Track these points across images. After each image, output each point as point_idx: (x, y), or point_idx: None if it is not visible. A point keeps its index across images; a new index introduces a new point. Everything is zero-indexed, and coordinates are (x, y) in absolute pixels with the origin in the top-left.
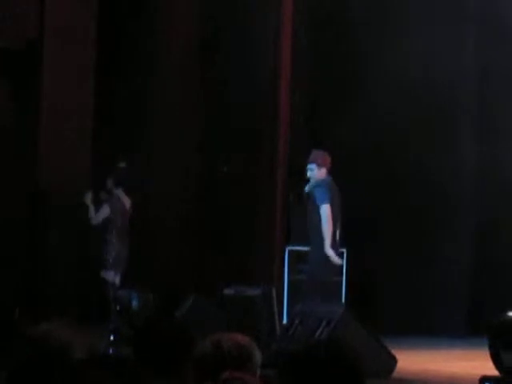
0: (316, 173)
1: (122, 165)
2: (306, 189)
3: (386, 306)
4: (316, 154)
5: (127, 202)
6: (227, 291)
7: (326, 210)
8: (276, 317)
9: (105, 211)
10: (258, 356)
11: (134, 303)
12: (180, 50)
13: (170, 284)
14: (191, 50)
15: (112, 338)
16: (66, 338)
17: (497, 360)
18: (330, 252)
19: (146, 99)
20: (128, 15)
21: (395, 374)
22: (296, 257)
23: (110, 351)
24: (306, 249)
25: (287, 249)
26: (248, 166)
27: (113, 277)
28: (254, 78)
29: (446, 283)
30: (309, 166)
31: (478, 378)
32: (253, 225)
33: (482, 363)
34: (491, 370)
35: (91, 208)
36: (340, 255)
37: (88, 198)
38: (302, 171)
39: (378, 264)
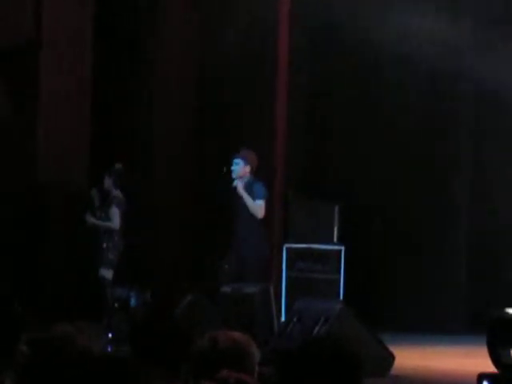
0: (241, 168)
1: (119, 166)
2: (234, 183)
3: (385, 303)
4: (246, 151)
5: (124, 202)
6: (224, 289)
7: (262, 205)
8: (274, 314)
9: (116, 214)
10: (255, 354)
11: (133, 301)
12: (178, 50)
13: (168, 282)
14: (189, 53)
15: (110, 335)
16: (84, 341)
17: (495, 357)
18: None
19: (144, 99)
20: (125, 15)
21: (393, 371)
22: (294, 254)
23: (108, 349)
24: (304, 246)
25: (285, 246)
26: None
27: (112, 275)
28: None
29: (445, 281)
30: (235, 160)
31: (477, 375)
32: None
33: (481, 360)
34: (490, 367)
35: (90, 218)
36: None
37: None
38: (302, 169)
39: (375, 261)
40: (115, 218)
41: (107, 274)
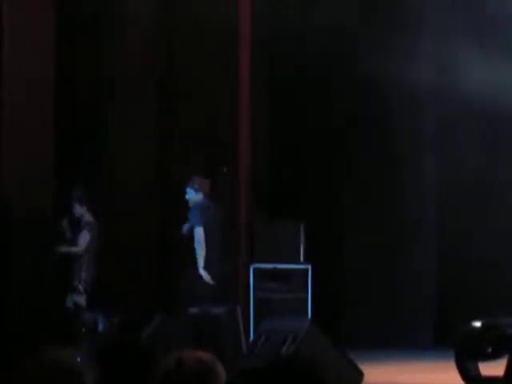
0: (194, 196)
1: (79, 190)
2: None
3: (353, 320)
4: (197, 179)
5: (95, 226)
6: (192, 310)
7: (198, 232)
8: (241, 335)
9: (85, 238)
10: (221, 373)
11: (100, 326)
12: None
13: (135, 305)
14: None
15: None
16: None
17: (463, 370)
18: (202, 272)
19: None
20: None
21: None
22: (261, 275)
23: None
24: (270, 266)
25: (252, 266)
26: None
27: (85, 301)
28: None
29: (412, 296)
30: (187, 190)
31: None
32: None
33: (450, 375)
34: (459, 381)
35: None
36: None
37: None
38: (267, 185)
39: (343, 279)
40: (82, 242)
41: (80, 300)
